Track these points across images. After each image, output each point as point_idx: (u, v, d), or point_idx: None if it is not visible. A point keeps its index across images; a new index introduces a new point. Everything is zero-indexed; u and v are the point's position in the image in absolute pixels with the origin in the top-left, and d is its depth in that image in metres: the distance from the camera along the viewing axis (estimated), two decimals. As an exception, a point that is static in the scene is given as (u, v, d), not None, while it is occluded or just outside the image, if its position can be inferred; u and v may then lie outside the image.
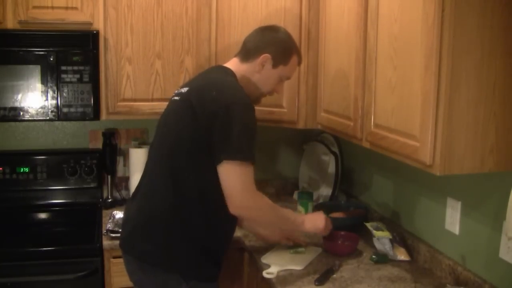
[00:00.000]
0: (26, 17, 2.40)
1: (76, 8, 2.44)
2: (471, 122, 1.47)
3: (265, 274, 1.95)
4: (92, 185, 2.81)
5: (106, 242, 2.32)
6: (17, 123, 2.77)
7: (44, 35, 2.40)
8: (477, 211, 1.81)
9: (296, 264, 2.03)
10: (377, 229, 2.17)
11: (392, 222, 2.35)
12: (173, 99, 1.95)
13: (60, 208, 2.76)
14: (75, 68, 2.44)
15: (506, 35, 1.45)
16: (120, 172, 2.91)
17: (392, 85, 1.68)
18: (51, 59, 2.41)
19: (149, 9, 2.53)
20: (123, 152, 2.90)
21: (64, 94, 2.44)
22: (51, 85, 2.43)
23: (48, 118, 2.45)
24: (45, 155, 2.77)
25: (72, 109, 2.46)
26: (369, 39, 1.83)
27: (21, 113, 2.43)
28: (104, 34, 2.49)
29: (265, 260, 2.08)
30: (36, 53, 2.40)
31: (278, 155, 3.11)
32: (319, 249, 2.19)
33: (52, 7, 2.43)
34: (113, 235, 2.32)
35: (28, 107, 2.43)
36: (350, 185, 2.81)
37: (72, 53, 2.43)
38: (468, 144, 1.48)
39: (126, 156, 2.89)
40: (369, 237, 2.20)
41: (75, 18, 2.45)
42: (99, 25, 2.48)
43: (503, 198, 1.55)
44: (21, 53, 2.39)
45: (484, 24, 1.43)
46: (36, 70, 2.41)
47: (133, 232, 1.89)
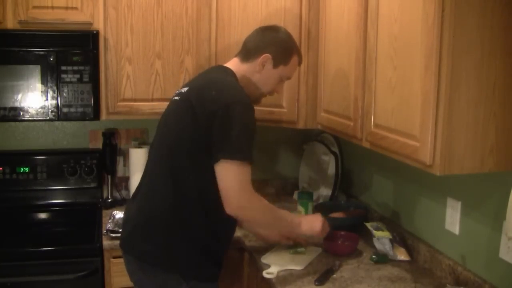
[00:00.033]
0: (26, 17, 2.40)
1: (76, 8, 2.44)
2: (471, 122, 1.47)
3: (265, 274, 1.95)
4: (92, 185, 2.81)
5: (106, 242, 2.32)
6: (17, 123, 2.77)
7: (44, 35, 2.40)
8: (477, 211, 1.81)
9: (296, 264, 2.03)
10: (377, 229, 2.17)
11: (392, 222, 2.35)
12: (173, 99, 1.95)
13: (60, 208, 2.76)
14: (75, 68, 2.44)
15: (506, 35, 1.45)
16: (120, 172, 2.91)
17: (392, 85, 1.68)
18: (51, 59, 2.41)
19: (149, 9, 2.53)
20: (123, 152, 2.90)
21: (64, 94, 2.44)
22: (51, 85, 2.43)
23: (48, 118, 2.45)
24: (45, 155, 2.77)
25: (72, 109, 2.46)
26: (369, 39, 1.83)
27: (21, 113, 2.43)
28: (104, 34, 2.49)
29: (265, 260, 2.08)
30: (36, 53, 2.40)
31: (278, 155, 3.11)
32: (319, 249, 2.19)
33: (52, 7, 2.43)
34: (113, 235, 2.32)
35: (28, 107, 2.42)
36: (350, 185, 2.81)
37: (72, 53, 2.43)
38: (468, 144, 1.48)
39: (126, 156, 2.89)
40: (369, 237, 2.20)
41: (75, 18, 2.45)
42: (99, 25, 2.48)
43: (503, 198, 1.55)
44: (21, 53, 2.39)
45: (484, 24, 1.43)
46: (36, 70, 2.41)
47: (133, 232, 1.89)
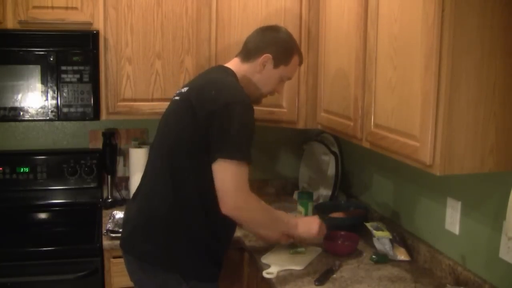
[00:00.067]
0: (26, 17, 2.40)
1: (76, 8, 2.44)
2: (471, 122, 1.47)
3: (265, 274, 1.95)
4: (92, 185, 2.81)
5: (106, 242, 2.32)
6: (17, 123, 2.77)
7: (44, 35, 2.40)
8: (477, 211, 1.81)
9: (296, 264, 2.03)
10: (377, 229, 2.17)
11: (392, 222, 2.35)
12: (174, 99, 1.95)
13: (60, 208, 2.76)
14: (75, 68, 2.44)
15: (506, 35, 1.45)
16: (120, 172, 2.91)
17: (392, 85, 1.68)
18: (51, 59, 2.41)
19: (149, 9, 2.53)
20: (123, 152, 2.90)
21: (64, 94, 2.44)
22: (51, 85, 2.43)
23: (48, 118, 2.45)
24: (45, 155, 2.77)
25: (72, 109, 2.46)
26: (369, 39, 1.83)
27: (21, 113, 2.42)
28: (104, 34, 2.49)
29: (265, 260, 2.08)
30: (36, 53, 2.40)
31: (278, 155, 3.11)
32: (319, 249, 2.19)
33: (52, 7, 2.43)
34: (113, 235, 2.32)
35: (28, 107, 2.42)
36: (350, 185, 2.81)
37: (72, 53, 2.43)
38: (468, 144, 1.48)
39: (126, 156, 2.89)
40: (369, 237, 2.20)
41: (75, 18, 2.45)
42: (99, 25, 2.48)
43: (503, 198, 1.55)
44: (21, 53, 2.39)
45: (484, 24, 1.43)
46: (36, 70, 2.41)
47: (134, 232, 1.89)
